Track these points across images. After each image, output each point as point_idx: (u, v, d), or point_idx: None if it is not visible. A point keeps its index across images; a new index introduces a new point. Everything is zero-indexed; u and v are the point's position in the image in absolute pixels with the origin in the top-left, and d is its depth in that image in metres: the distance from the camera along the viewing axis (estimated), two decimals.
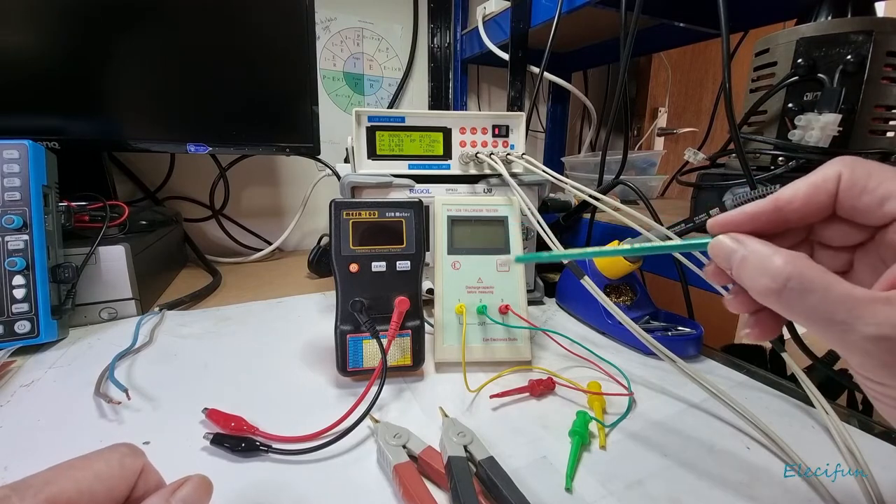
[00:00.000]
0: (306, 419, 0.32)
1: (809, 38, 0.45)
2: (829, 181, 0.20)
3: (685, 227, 0.44)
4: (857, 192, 0.19)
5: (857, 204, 0.19)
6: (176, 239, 0.73)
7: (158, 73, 0.60)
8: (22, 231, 0.41)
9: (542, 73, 0.68)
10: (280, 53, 0.66)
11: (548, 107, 1.10)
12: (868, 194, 0.19)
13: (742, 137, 0.47)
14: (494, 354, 0.41)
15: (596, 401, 0.35)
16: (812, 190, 0.20)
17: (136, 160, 0.76)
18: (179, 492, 0.18)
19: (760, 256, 0.19)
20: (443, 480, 0.26)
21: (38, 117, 0.55)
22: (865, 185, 0.19)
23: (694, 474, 0.29)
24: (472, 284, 0.43)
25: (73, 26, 0.55)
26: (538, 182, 0.55)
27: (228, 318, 0.53)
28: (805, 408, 0.36)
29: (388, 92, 0.96)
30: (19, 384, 0.37)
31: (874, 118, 0.45)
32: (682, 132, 1.21)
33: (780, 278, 0.18)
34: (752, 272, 0.19)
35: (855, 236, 0.21)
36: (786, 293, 0.18)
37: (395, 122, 0.52)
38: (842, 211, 0.20)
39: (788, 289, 0.18)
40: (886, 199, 0.19)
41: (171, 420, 0.33)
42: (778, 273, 0.18)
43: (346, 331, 0.37)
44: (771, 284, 0.19)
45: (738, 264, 0.20)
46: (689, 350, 0.44)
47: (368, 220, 0.38)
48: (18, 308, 0.41)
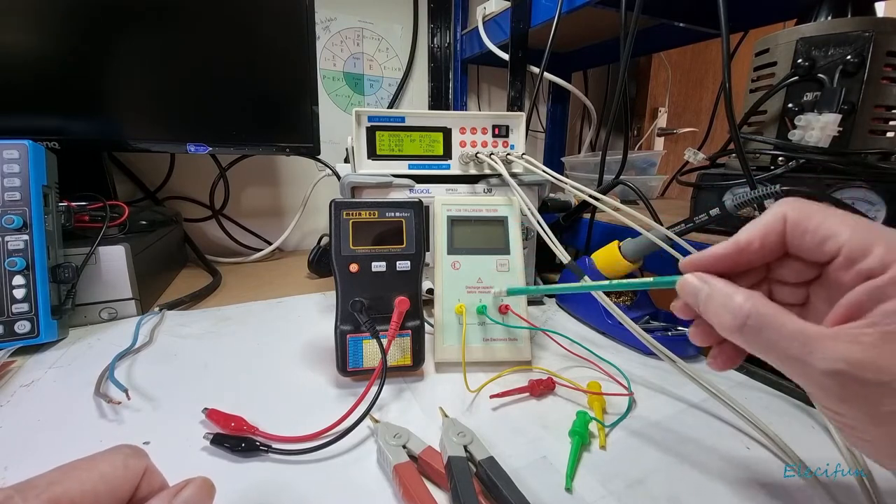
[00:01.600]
0: (306, 419, 0.32)
1: (809, 38, 0.45)
2: (777, 222, 0.21)
3: (685, 227, 0.44)
4: (800, 232, 0.21)
5: (801, 244, 0.21)
6: (176, 239, 0.73)
7: (158, 73, 0.60)
8: (22, 231, 0.41)
9: (542, 73, 0.68)
10: (280, 53, 0.66)
11: (548, 107, 1.10)
12: (809, 234, 0.20)
13: (742, 137, 0.47)
14: (494, 354, 0.41)
15: (596, 401, 0.35)
16: (764, 230, 0.22)
17: (136, 160, 0.76)
18: (182, 494, 0.18)
19: (723, 295, 0.21)
20: (443, 480, 0.26)
21: (38, 117, 0.55)
22: (806, 226, 0.21)
23: (694, 474, 0.29)
24: (472, 284, 0.43)
25: (74, 26, 0.55)
26: (538, 182, 0.55)
27: (228, 318, 0.53)
28: (805, 408, 0.36)
29: (388, 92, 0.96)
30: (19, 384, 0.37)
31: (874, 118, 0.45)
32: (682, 132, 1.21)
33: (741, 316, 0.20)
34: (716, 309, 0.21)
35: (806, 273, 0.22)
36: (746, 329, 0.20)
37: (395, 122, 0.52)
38: (791, 249, 0.22)
39: (748, 326, 0.20)
40: (826, 239, 0.20)
41: (171, 420, 0.33)
42: (738, 310, 0.20)
43: (346, 331, 0.37)
44: (732, 322, 0.20)
45: (704, 302, 0.22)
46: (689, 350, 0.44)
47: (368, 220, 0.38)
48: (18, 308, 0.41)
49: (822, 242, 0.20)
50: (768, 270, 0.24)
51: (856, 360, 0.17)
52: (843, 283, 0.20)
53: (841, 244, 0.19)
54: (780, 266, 0.23)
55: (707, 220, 0.42)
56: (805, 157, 0.44)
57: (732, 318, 0.20)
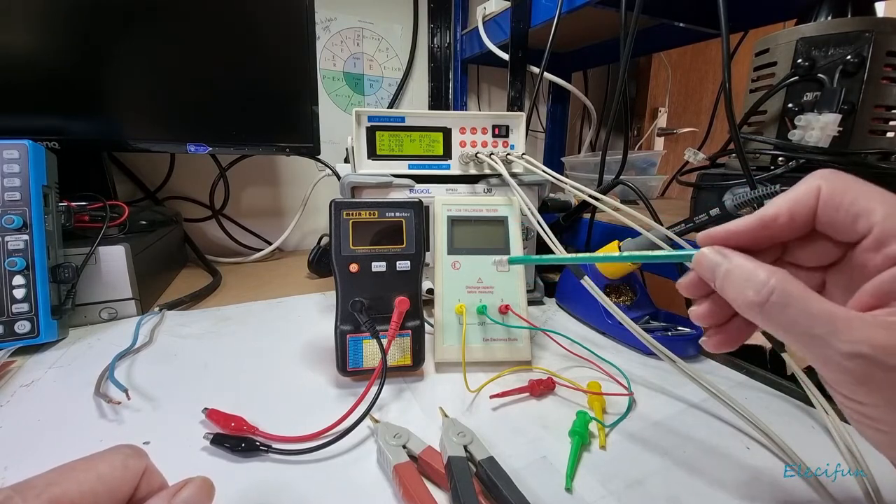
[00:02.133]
0: (306, 419, 0.32)
1: (809, 38, 0.45)
2: (809, 195, 0.20)
3: (685, 227, 0.44)
4: (833, 207, 0.19)
5: (833, 220, 0.20)
6: (176, 239, 0.73)
7: (158, 73, 0.60)
8: (22, 231, 0.41)
9: (542, 73, 0.68)
10: (280, 53, 0.66)
11: (548, 107, 1.10)
12: (843, 211, 0.19)
13: (742, 137, 0.47)
14: (494, 354, 0.41)
15: (596, 401, 0.35)
16: (794, 205, 0.20)
17: (136, 160, 0.76)
18: (181, 494, 0.18)
19: (745, 270, 0.20)
20: (443, 480, 0.26)
21: (38, 117, 0.55)
22: (841, 200, 0.19)
23: (694, 474, 0.29)
24: (472, 284, 0.43)
25: (74, 26, 0.55)
26: (538, 182, 0.55)
27: (228, 318, 0.53)
28: (805, 408, 0.36)
29: (388, 92, 0.96)
30: (19, 384, 0.37)
31: (874, 118, 0.45)
32: (682, 132, 1.21)
33: (764, 291, 0.19)
34: (736, 285, 0.20)
35: (829, 255, 0.21)
36: (768, 306, 0.19)
37: (395, 122, 0.52)
38: (820, 226, 0.20)
39: (771, 302, 0.19)
40: (858, 217, 0.19)
41: (171, 420, 0.33)
42: (761, 286, 0.19)
43: (346, 331, 0.37)
44: (755, 298, 0.19)
45: (723, 277, 0.21)
46: (689, 350, 0.44)
47: (368, 220, 0.38)
48: (18, 308, 0.41)
49: (854, 220, 0.19)
50: (783, 251, 0.23)
51: (881, 343, 0.16)
52: (868, 267, 0.19)
53: (873, 223, 0.18)
54: (800, 246, 0.22)
55: (707, 220, 0.42)
56: (805, 157, 0.44)
57: (756, 293, 0.19)
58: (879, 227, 0.18)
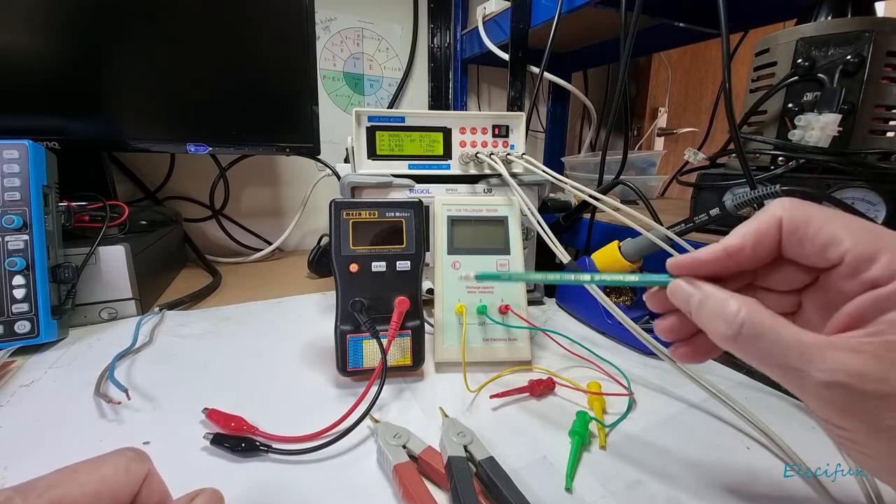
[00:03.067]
0: (306, 419, 0.32)
1: (809, 38, 0.45)
2: (771, 226, 0.20)
3: (685, 227, 0.44)
4: (798, 238, 0.19)
5: (799, 250, 0.20)
6: (176, 239, 0.73)
7: (158, 73, 0.60)
8: (22, 231, 0.41)
9: (542, 73, 0.68)
10: (280, 53, 0.66)
11: (548, 107, 1.10)
12: (808, 242, 0.19)
13: (742, 137, 0.47)
14: (494, 354, 0.41)
15: (596, 401, 0.35)
16: (756, 237, 0.20)
17: (136, 160, 0.76)
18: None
19: (715, 301, 0.20)
20: (443, 480, 0.26)
21: (38, 117, 0.55)
22: (806, 231, 0.19)
23: (694, 474, 0.29)
24: (473, 284, 0.43)
25: (74, 26, 0.55)
26: (538, 182, 0.55)
27: (228, 318, 0.53)
28: (805, 408, 0.36)
29: (388, 92, 0.96)
30: (19, 384, 0.37)
31: (874, 118, 0.45)
32: (682, 132, 1.21)
33: (735, 323, 0.19)
34: (709, 316, 0.20)
35: (800, 279, 0.21)
36: (740, 338, 0.19)
37: (395, 122, 0.52)
38: (787, 255, 0.20)
39: (742, 334, 0.19)
40: (827, 246, 0.19)
41: (171, 420, 0.33)
42: (732, 317, 0.19)
43: (346, 331, 0.37)
44: (727, 331, 0.19)
45: (697, 308, 0.21)
46: None
47: (368, 220, 0.38)
48: (18, 308, 0.41)
49: (822, 249, 0.19)
50: (755, 276, 0.23)
51: (856, 370, 0.16)
52: (845, 292, 0.19)
53: (844, 252, 0.18)
54: (771, 272, 0.22)
55: (707, 220, 0.42)
56: (805, 157, 0.44)
57: (727, 326, 0.19)
58: (851, 254, 0.18)
